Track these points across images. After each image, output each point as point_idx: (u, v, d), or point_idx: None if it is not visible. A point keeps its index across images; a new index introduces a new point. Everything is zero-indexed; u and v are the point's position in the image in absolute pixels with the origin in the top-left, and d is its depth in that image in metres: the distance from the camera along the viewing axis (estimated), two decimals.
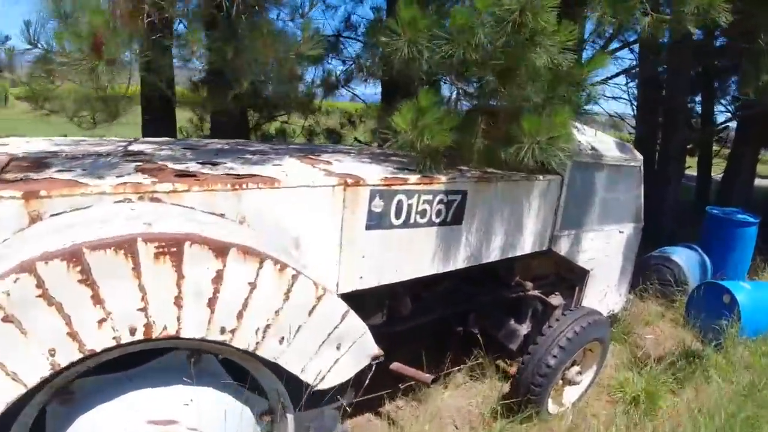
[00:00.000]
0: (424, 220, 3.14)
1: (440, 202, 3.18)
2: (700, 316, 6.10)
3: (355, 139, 7.15)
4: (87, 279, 1.85)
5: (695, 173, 13.64)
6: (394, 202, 2.96)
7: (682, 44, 8.29)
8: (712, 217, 7.86)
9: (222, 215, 2.45)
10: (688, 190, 12.71)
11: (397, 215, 3.00)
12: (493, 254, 3.65)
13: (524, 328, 4.44)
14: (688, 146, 10.99)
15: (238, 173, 2.68)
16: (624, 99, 9.96)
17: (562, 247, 4.24)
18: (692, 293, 6.36)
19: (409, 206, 3.04)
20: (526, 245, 3.90)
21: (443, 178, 3.16)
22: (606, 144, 4.50)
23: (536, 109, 3.16)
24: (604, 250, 4.73)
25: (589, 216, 4.44)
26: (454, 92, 3.74)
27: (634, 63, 8.47)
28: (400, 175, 3.04)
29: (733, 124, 11.95)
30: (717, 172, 13.76)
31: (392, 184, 2.93)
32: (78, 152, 3.02)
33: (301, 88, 5.68)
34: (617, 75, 8.12)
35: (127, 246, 1.88)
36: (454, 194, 3.24)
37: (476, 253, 3.52)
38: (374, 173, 3.02)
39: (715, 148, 13.58)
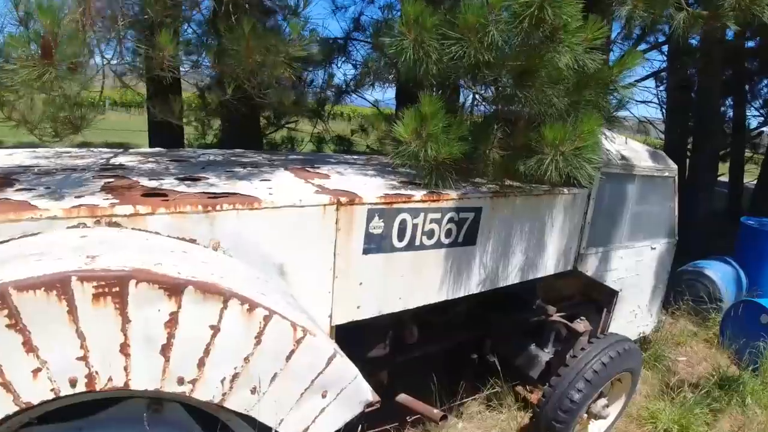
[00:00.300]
0: (432, 242, 2.73)
1: (450, 220, 2.77)
2: (736, 337, 5.54)
3: (368, 146, 6.77)
4: (16, 324, 1.52)
5: (725, 180, 12.90)
6: (397, 222, 2.56)
7: (714, 46, 7.72)
8: (747, 228, 7.25)
9: (193, 241, 2.09)
10: (719, 198, 12.01)
11: (400, 237, 2.60)
12: (512, 277, 3.22)
13: (546, 354, 3.99)
14: (721, 153, 10.33)
15: (216, 191, 2.32)
16: (654, 103, 9.36)
17: (589, 267, 3.78)
18: (727, 312, 5.79)
19: (414, 226, 2.64)
20: (549, 266, 3.45)
21: (453, 194, 2.75)
22: (637, 153, 4.02)
23: (560, 116, 2.72)
24: (634, 268, 4.25)
25: (619, 232, 3.97)
26: (470, 97, 3.33)
27: (664, 65, 7.91)
28: (404, 192, 2.65)
29: (766, 129, 11.22)
30: (748, 178, 13.02)
31: (394, 202, 2.53)
32: (54, 166, 2.70)
33: (309, 95, 5.35)
34: (647, 78, 7.57)
35: (59, 286, 1.53)
36: (467, 212, 2.83)
37: (492, 276, 3.10)
38: (374, 189, 2.63)
39: (747, 153, 12.81)
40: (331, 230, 2.38)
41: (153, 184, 2.41)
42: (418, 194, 2.64)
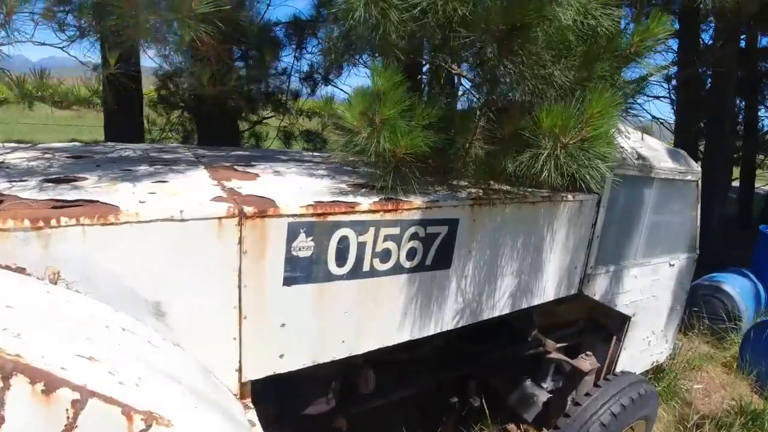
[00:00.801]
0: (388, 266, 1.96)
1: (414, 237, 1.99)
2: (757, 362, 4.73)
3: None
4: None
5: (735, 184, 11.99)
6: (334, 240, 1.79)
7: (730, 38, 6.88)
8: (767, 238, 6.40)
9: (21, 270, 1.36)
10: (729, 203, 11.12)
11: (340, 260, 1.83)
12: (500, 306, 2.44)
13: (543, 393, 3.19)
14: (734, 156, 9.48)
15: (68, 199, 1.56)
16: (665, 98, 8.49)
17: (597, 290, 2.99)
18: (748, 333, 4.96)
19: (361, 246, 1.86)
20: (548, 290, 2.67)
21: (418, 202, 1.97)
22: (656, 152, 3.22)
23: (562, 96, 1.94)
24: (650, 289, 3.45)
25: (633, 247, 3.17)
26: (456, 81, 2.55)
27: (673, 58, 7.06)
28: (346, 199, 1.87)
29: None
30: (758, 183, 12.13)
31: (328, 213, 1.76)
32: None
33: (270, 81, 4.60)
34: (658, 71, 6.71)
35: None
36: (437, 225, 2.05)
37: (473, 306, 2.32)
38: (306, 195, 1.86)
39: (758, 157, 11.90)
40: (231, 253, 1.61)
41: (2, 186, 1.66)
42: (367, 202, 1.86)
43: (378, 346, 2.06)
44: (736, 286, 5.69)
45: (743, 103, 10.92)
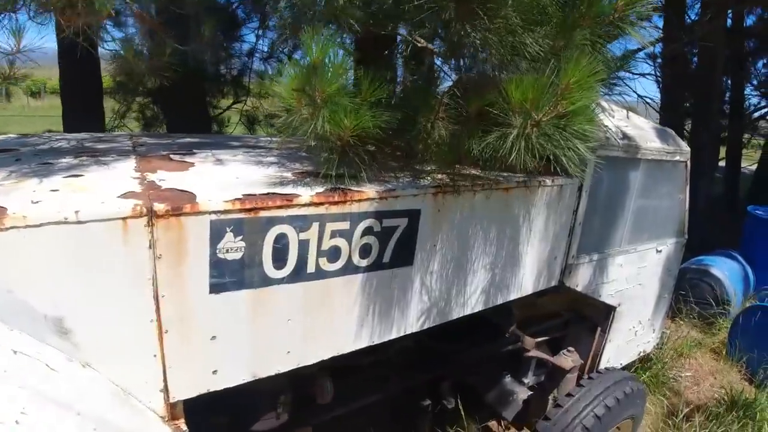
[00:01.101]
0: (338, 266, 1.69)
1: (368, 232, 1.72)
2: (747, 347, 4.55)
3: None
4: None
5: (721, 164, 11.78)
6: (269, 238, 1.52)
7: (713, 19, 6.60)
8: (755, 219, 6.20)
9: None
10: (715, 184, 10.92)
11: (279, 262, 1.56)
12: (471, 304, 2.18)
13: (524, 390, 2.97)
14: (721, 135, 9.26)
15: None
16: (651, 76, 8.16)
17: (580, 280, 2.74)
18: (737, 318, 4.76)
19: (303, 244, 1.59)
20: (526, 284, 2.42)
21: (371, 192, 1.70)
22: (642, 131, 2.96)
23: (536, 69, 1.66)
24: (636, 277, 3.21)
25: (618, 233, 2.93)
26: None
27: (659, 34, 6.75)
28: (284, 191, 1.59)
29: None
30: (744, 163, 11.94)
31: (260, 208, 1.48)
32: None
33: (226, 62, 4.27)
34: (642, 49, 6.41)
35: None
36: (396, 217, 1.78)
37: (441, 306, 2.06)
38: (239, 188, 1.58)
39: (745, 137, 11.69)
40: (142, 259, 1.34)
41: None
42: (308, 194, 1.59)
43: (332, 354, 1.80)
44: (725, 270, 5.49)
45: (730, 81, 10.67)
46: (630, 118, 2.97)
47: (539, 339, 2.97)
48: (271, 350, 1.66)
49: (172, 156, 2.03)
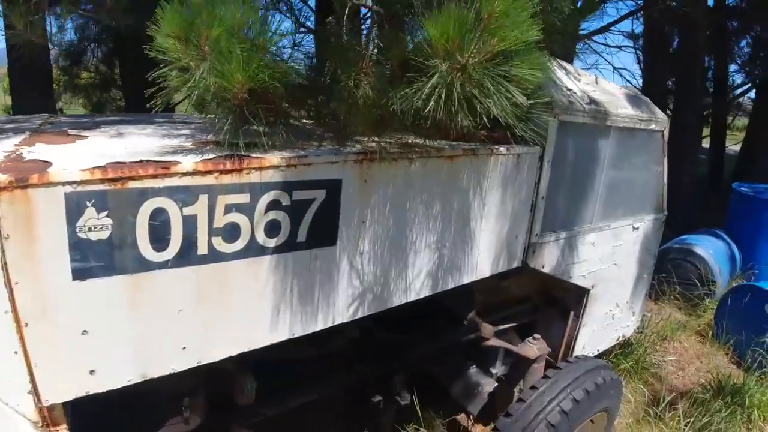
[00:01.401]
0: (238, 246, 1.41)
1: (275, 206, 1.44)
2: (735, 329, 4.30)
3: None
4: None
5: (705, 145, 11.53)
6: (143, 215, 1.23)
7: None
8: (740, 196, 5.95)
9: None
10: (699, 164, 10.67)
11: (159, 242, 1.27)
12: (415, 289, 1.90)
13: (490, 382, 2.70)
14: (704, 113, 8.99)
15: None
16: (630, 48, 7.84)
17: (546, 261, 2.47)
18: (723, 299, 4.51)
19: (189, 221, 1.30)
20: (482, 265, 2.14)
21: (275, 159, 1.41)
22: (612, 96, 2.68)
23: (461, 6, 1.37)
24: (611, 257, 2.95)
25: (588, 209, 2.66)
26: None
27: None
28: (164, 158, 1.30)
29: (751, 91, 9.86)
30: (730, 143, 11.70)
31: (128, 179, 1.19)
32: None
33: None
34: (620, 20, 6.12)
35: None
36: (309, 189, 1.50)
37: (378, 291, 1.78)
38: (116, 158, 1.29)
39: (728, 117, 11.44)
40: None
41: None
42: (190, 161, 1.30)
43: (241, 350, 1.52)
44: (709, 249, 5.24)
45: (713, 61, 10.40)
46: (599, 83, 2.70)
47: (504, 326, 2.70)
48: (161, 346, 1.38)
49: (70, 131, 1.73)
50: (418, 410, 2.41)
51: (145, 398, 1.57)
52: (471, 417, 3.00)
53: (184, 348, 1.41)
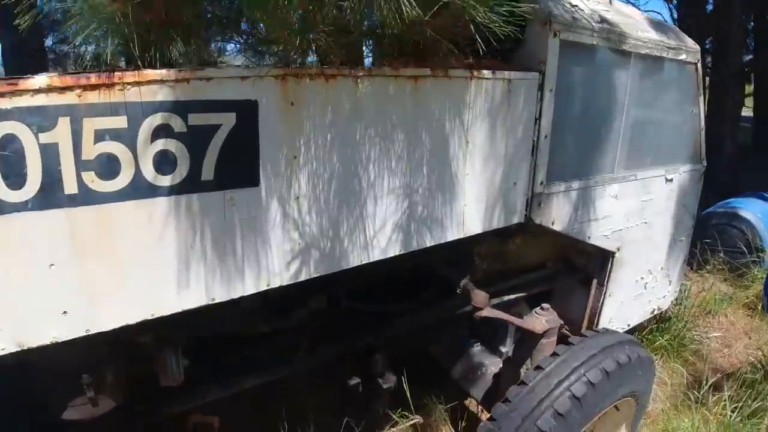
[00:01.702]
0: (119, 184, 1.07)
1: (164, 133, 1.09)
2: None
3: None
4: None
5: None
6: None
7: None
8: None
9: None
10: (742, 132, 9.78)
11: (14, 178, 0.97)
12: (380, 247, 1.53)
13: (496, 363, 2.30)
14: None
15: None
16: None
17: (555, 216, 2.04)
18: None
19: (49, 151, 0.98)
20: (470, 220, 1.74)
21: (161, 72, 1.06)
22: (631, 19, 2.22)
23: None
24: (639, 213, 2.49)
25: (607, 154, 2.21)
26: None
27: None
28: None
29: None
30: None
31: None
32: None
33: None
34: None
35: None
36: (213, 111, 1.14)
37: (325, 247, 1.41)
38: None
39: None
40: None
41: None
42: (42, 79, 0.97)
43: (142, 317, 1.18)
44: (757, 212, 4.62)
45: (751, 18, 9.44)
46: (613, 4, 2.23)
47: (513, 296, 2.29)
48: (35, 309, 1.06)
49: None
50: (408, 394, 2.04)
51: (42, 376, 1.27)
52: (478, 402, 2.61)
53: (65, 312, 1.09)
